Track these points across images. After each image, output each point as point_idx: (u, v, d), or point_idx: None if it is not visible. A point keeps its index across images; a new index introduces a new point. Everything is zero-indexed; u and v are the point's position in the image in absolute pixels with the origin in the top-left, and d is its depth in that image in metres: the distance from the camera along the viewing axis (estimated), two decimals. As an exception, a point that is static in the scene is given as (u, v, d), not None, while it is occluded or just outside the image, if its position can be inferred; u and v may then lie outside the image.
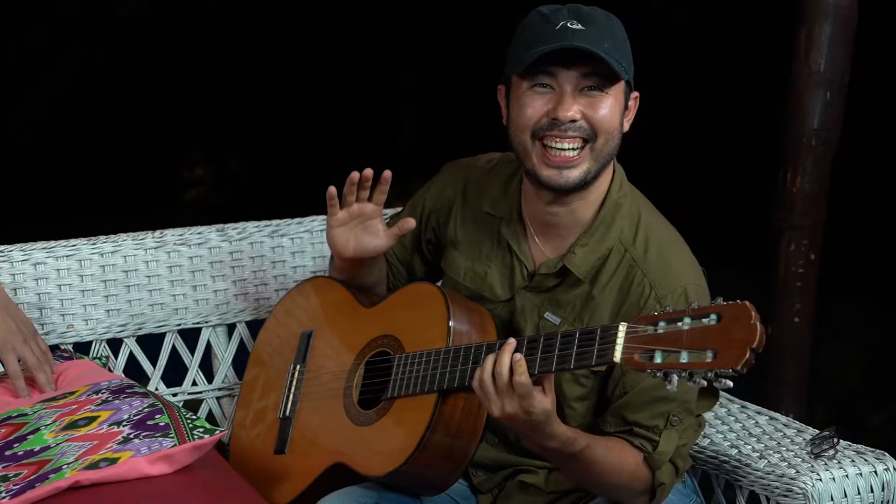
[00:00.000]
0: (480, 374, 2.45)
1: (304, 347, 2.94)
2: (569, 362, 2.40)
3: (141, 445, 2.60)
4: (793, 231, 3.73)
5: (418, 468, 2.62)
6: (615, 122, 2.60)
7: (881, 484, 2.74)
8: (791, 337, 3.78)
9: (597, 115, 2.58)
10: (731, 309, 2.22)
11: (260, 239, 3.27)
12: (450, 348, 2.61)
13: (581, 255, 2.65)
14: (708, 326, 2.23)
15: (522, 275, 2.71)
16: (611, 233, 2.66)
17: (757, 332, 2.18)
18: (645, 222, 2.69)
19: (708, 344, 2.22)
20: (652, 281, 2.61)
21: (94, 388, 2.80)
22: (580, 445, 2.51)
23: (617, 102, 2.60)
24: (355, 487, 2.70)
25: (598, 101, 2.58)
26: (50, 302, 3.12)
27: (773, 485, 2.73)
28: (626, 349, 2.31)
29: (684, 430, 2.63)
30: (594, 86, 2.58)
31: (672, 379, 2.24)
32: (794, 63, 3.71)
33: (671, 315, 2.28)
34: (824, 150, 3.71)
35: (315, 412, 2.85)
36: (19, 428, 2.68)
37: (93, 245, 3.17)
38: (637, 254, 2.64)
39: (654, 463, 2.60)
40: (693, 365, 2.22)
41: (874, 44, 4.17)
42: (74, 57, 6.78)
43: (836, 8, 3.66)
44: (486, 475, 2.78)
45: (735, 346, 2.19)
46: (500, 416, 2.45)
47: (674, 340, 2.25)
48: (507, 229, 2.74)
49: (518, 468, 2.76)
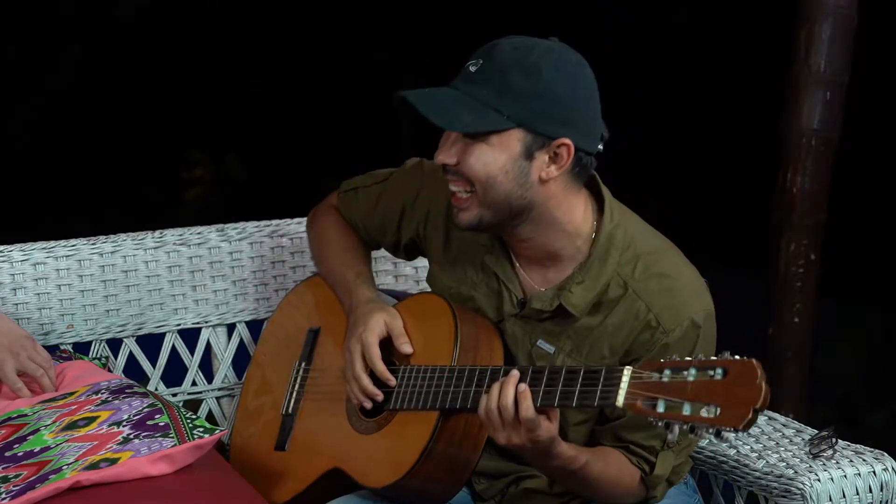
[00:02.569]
0: (486, 404, 2.43)
1: (310, 345, 2.92)
2: (571, 400, 2.39)
3: (141, 445, 2.60)
4: (793, 231, 3.73)
5: (417, 482, 2.61)
6: (492, 171, 2.50)
7: (880, 484, 2.74)
8: (791, 337, 3.78)
9: (465, 164, 2.51)
10: (738, 366, 2.22)
11: (260, 239, 3.27)
12: (454, 368, 2.59)
13: (578, 293, 2.59)
14: (713, 381, 2.22)
15: (512, 302, 2.66)
16: (607, 266, 2.59)
17: (761, 393, 2.18)
18: (642, 250, 2.61)
19: (712, 399, 2.21)
20: (657, 314, 2.56)
21: (94, 388, 2.80)
22: (581, 462, 2.51)
23: (501, 150, 2.50)
24: (352, 497, 2.70)
25: (470, 149, 2.51)
26: (50, 302, 3.12)
27: (772, 485, 2.73)
28: (630, 394, 2.31)
29: (682, 449, 2.63)
30: (475, 131, 2.50)
31: (674, 429, 2.25)
32: (794, 63, 3.71)
33: (677, 364, 2.27)
34: (824, 150, 3.71)
35: (317, 412, 2.84)
36: (19, 429, 2.68)
37: (93, 245, 3.17)
38: (639, 287, 2.58)
39: (650, 483, 2.62)
40: (695, 419, 2.22)
41: (874, 44, 4.17)
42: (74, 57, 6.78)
43: (836, 8, 3.66)
44: (488, 482, 2.77)
45: (739, 404, 2.19)
46: (506, 445, 2.45)
47: (678, 391, 2.25)
48: (491, 258, 2.68)
49: (520, 475, 2.75)
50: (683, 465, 2.70)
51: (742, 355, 2.24)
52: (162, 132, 6.80)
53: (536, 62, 2.48)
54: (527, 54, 2.49)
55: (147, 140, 6.80)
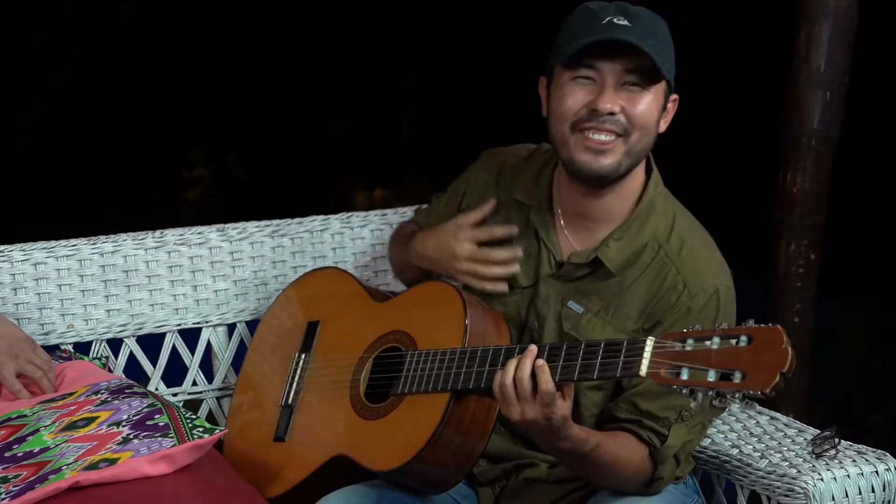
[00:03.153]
0: (502, 378, 2.45)
1: (310, 337, 2.94)
2: (592, 372, 2.41)
3: (140, 446, 2.60)
4: (793, 231, 3.73)
5: (425, 465, 2.62)
6: (652, 119, 2.64)
7: (882, 484, 2.75)
8: (791, 337, 3.77)
9: (635, 111, 2.61)
10: (763, 332, 2.24)
11: (260, 239, 3.27)
12: (465, 349, 2.61)
13: (615, 249, 2.67)
14: (738, 348, 2.24)
15: (550, 263, 2.73)
16: (646, 228, 2.68)
17: (788, 357, 2.21)
18: (679, 222, 2.72)
19: (737, 364, 2.23)
20: (685, 278, 2.64)
21: (94, 388, 2.80)
22: (591, 445, 2.52)
23: (656, 101, 2.64)
24: (355, 487, 2.69)
25: (638, 97, 2.62)
26: (50, 302, 3.12)
27: (775, 484, 2.73)
28: (653, 363, 2.32)
29: (693, 426, 2.64)
30: (635, 82, 2.61)
31: (697, 396, 2.26)
32: (794, 63, 3.71)
33: (700, 333, 2.29)
34: (824, 150, 3.71)
35: (318, 403, 2.84)
36: (19, 429, 2.68)
37: (93, 245, 3.17)
38: (671, 251, 2.67)
39: (659, 457, 2.62)
40: (720, 384, 2.23)
41: (874, 44, 4.17)
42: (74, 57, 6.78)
43: (836, 8, 3.66)
44: (487, 465, 2.78)
45: (765, 368, 2.21)
46: (519, 421, 2.46)
47: (702, 359, 2.26)
48: (537, 217, 2.76)
49: (520, 462, 2.76)
50: (685, 465, 2.71)
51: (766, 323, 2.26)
52: (162, 132, 6.79)
53: (662, 21, 2.65)
54: (653, 13, 2.64)
55: (147, 140, 6.80)
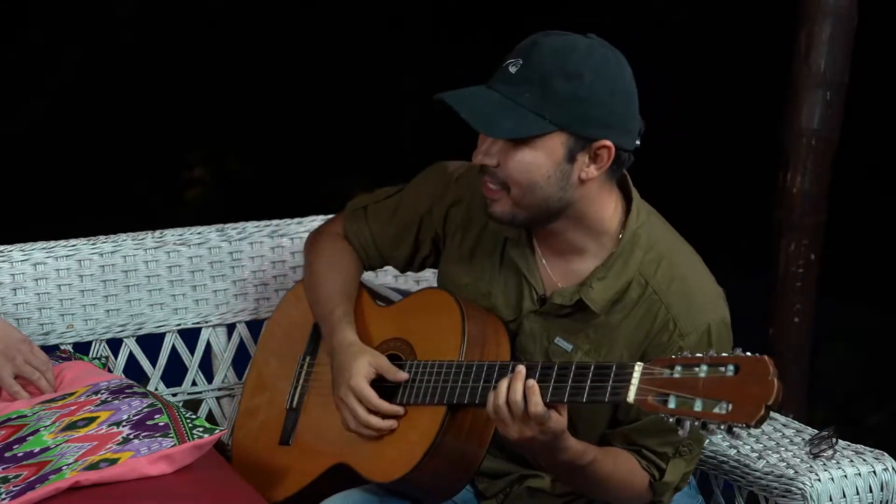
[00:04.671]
0: (495, 400, 2.43)
1: (314, 339, 2.93)
2: (581, 395, 2.39)
3: (141, 445, 2.60)
4: (793, 231, 3.73)
5: (425, 476, 2.61)
6: (533, 175, 2.49)
7: (880, 484, 2.74)
8: (791, 337, 3.79)
9: (506, 168, 2.50)
10: (750, 362, 2.22)
11: (260, 239, 3.27)
12: (462, 363, 2.59)
13: (599, 290, 2.58)
14: (725, 377, 2.23)
15: (532, 298, 2.65)
16: (629, 265, 2.58)
17: (774, 389, 2.18)
18: (665, 252, 2.61)
19: (724, 395, 2.21)
20: (675, 316, 2.56)
21: (94, 388, 2.80)
22: (589, 458, 2.51)
23: (543, 154, 2.48)
24: (356, 490, 2.70)
25: (512, 153, 2.49)
26: (50, 302, 3.12)
27: (772, 485, 2.73)
28: (641, 390, 2.31)
29: (692, 458, 2.63)
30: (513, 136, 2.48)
31: (685, 425, 2.24)
32: (794, 63, 3.71)
33: (689, 360, 2.27)
34: (824, 150, 3.71)
35: (322, 407, 2.83)
36: (19, 429, 2.68)
37: (93, 245, 3.17)
38: (659, 287, 2.58)
39: (658, 489, 2.61)
40: (706, 415, 2.22)
41: (874, 44, 4.17)
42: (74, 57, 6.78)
43: (836, 8, 3.67)
44: (490, 482, 2.78)
45: (751, 401, 2.19)
46: (517, 439, 2.44)
47: (689, 387, 2.25)
48: (516, 251, 2.66)
49: (523, 474, 2.75)
50: (687, 479, 2.71)
51: (754, 352, 2.24)
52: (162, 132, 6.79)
53: (578, 66, 2.46)
54: (568, 57, 2.47)
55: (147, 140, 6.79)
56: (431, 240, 2.83)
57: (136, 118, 6.77)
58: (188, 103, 6.79)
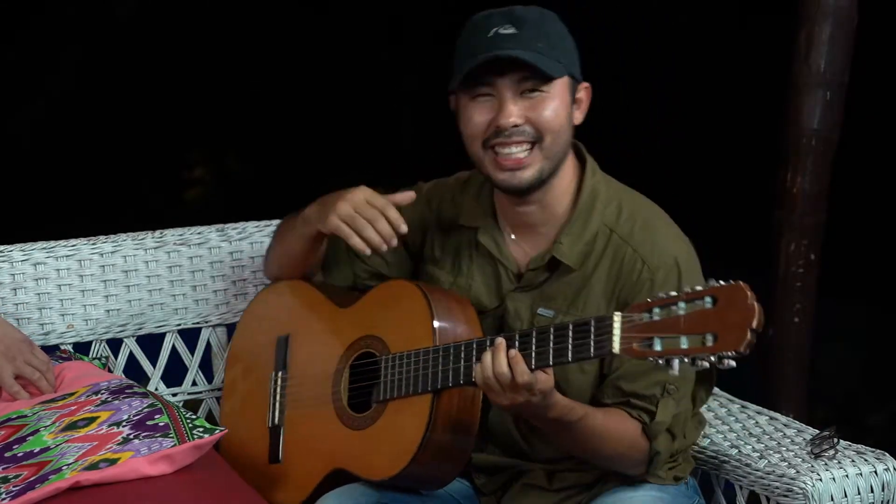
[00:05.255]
0: (482, 373, 2.46)
1: (282, 353, 2.92)
2: (566, 355, 2.42)
3: (141, 446, 2.60)
4: (793, 231, 3.74)
5: (422, 467, 2.62)
6: (560, 119, 2.62)
7: (881, 484, 2.75)
8: (791, 337, 3.79)
9: (540, 117, 2.60)
10: (727, 291, 2.23)
11: (260, 239, 3.27)
12: (438, 347, 2.61)
13: (567, 244, 2.66)
14: (705, 310, 2.23)
15: (509, 278, 2.72)
16: (593, 218, 2.67)
17: (755, 312, 2.19)
18: (626, 201, 2.71)
19: (707, 328, 2.22)
20: (643, 255, 2.64)
21: (94, 388, 2.80)
22: (579, 414, 2.54)
23: (561, 100, 2.62)
24: (356, 485, 2.70)
25: (540, 103, 2.61)
26: (50, 302, 3.12)
27: (774, 485, 2.73)
28: (624, 339, 2.32)
29: (681, 398, 2.64)
30: (533, 88, 2.60)
31: (674, 364, 2.25)
32: (794, 63, 3.71)
33: (665, 301, 2.28)
34: (824, 150, 3.72)
35: (305, 419, 2.83)
36: (19, 429, 2.68)
37: (93, 245, 3.17)
38: (623, 232, 2.66)
39: (652, 432, 2.62)
40: (694, 350, 2.22)
41: (874, 44, 4.17)
42: (74, 57, 6.78)
43: (836, 8, 3.67)
44: (488, 478, 2.79)
45: (735, 328, 2.19)
46: (509, 405, 2.48)
47: (671, 326, 2.26)
48: (485, 237, 2.74)
49: (520, 469, 2.76)
50: (686, 464, 2.71)
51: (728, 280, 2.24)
52: (162, 132, 6.79)
53: (551, 16, 2.65)
54: (542, 10, 2.63)
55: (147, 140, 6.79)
56: (404, 244, 2.85)
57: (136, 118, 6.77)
58: (188, 103, 6.78)
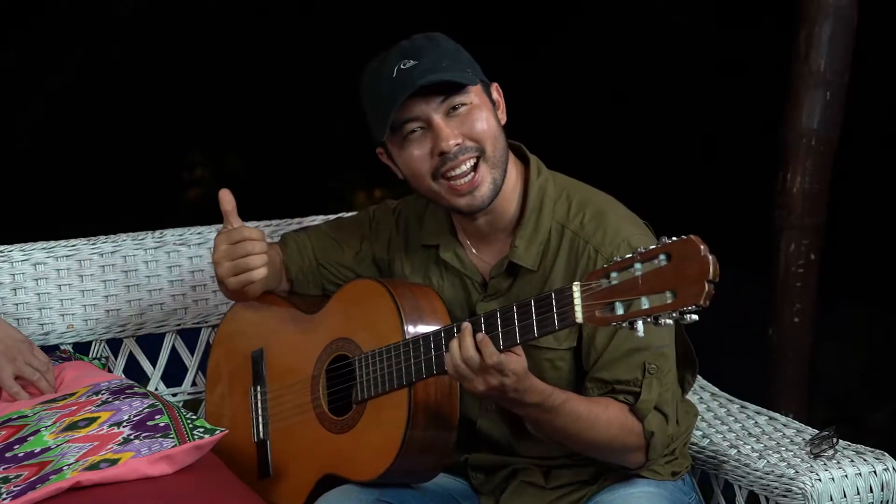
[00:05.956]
0: (451, 361, 2.48)
1: (258, 367, 2.92)
2: (532, 331, 2.43)
3: (141, 446, 2.60)
4: (793, 231, 3.74)
5: (408, 461, 2.64)
6: (492, 125, 2.64)
7: (880, 484, 2.74)
8: (791, 337, 3.79)
9: (474, 129, 2.63)
10: (679, 246, 2.23)
11: (260, 239, 3.26)
12: (408, 341, 2.63)
13: (523, 247, 2.69)
14: (660, 268, 2.24)
15: (476, 288, 2.75)
16: (543, 216, 2.69)
17: (710, 264, 2.19)
18: (574, 194, 2.73)
19: (665, 286, 2.23)
20: (595, 245, 2.65)
21: (94, 388, 2.80)
22: (561, 398, 2.54)
23: (484, 106, 2.64)
24: (354, 486, 2.70)
25: (468, 116, 2.63)
26: (50, 302, 3.12)
27: (773, 485, 2.73)
28: (586, 308, 2.34)
29: (664, 375, 2.65)
30: (457, 104, 2.62)
31: (637, 326, 2.26)
32: (794, 63, 3.71)
33: (621, 264, 2.29)
34: (824, 150, 3.72)
35: (289, 430, 2.84)
36: (20, 430, 2.68)
37: (93, 245, 3.17)
38: (575, 226, 2.68)
39: (640, 412, 2.62)
40: (655, 309, 2.24)
41: (874, 44, 4.18)
42: (74, 57, 6.78)
43: (836, 8, 3.67)
44: (485, 477, 2.80)
45: (692, 282, 2.20)
46: (484, 391, 2.48)
47: (630, 289, 2.27)
48: (447, 253, 2.77)
49: (516, 468, 2.77)
50: (683, 459, 2.72)
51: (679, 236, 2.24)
52: (162, 132, 6.79)
53: (439, 36, 2.68)
54: (427, 35, 2.69)
55: (147, 140, 6.79)
56: (372, 258, 2.89)
57: (136, 118, 6.77)
58: (188, 103, 6.79)
